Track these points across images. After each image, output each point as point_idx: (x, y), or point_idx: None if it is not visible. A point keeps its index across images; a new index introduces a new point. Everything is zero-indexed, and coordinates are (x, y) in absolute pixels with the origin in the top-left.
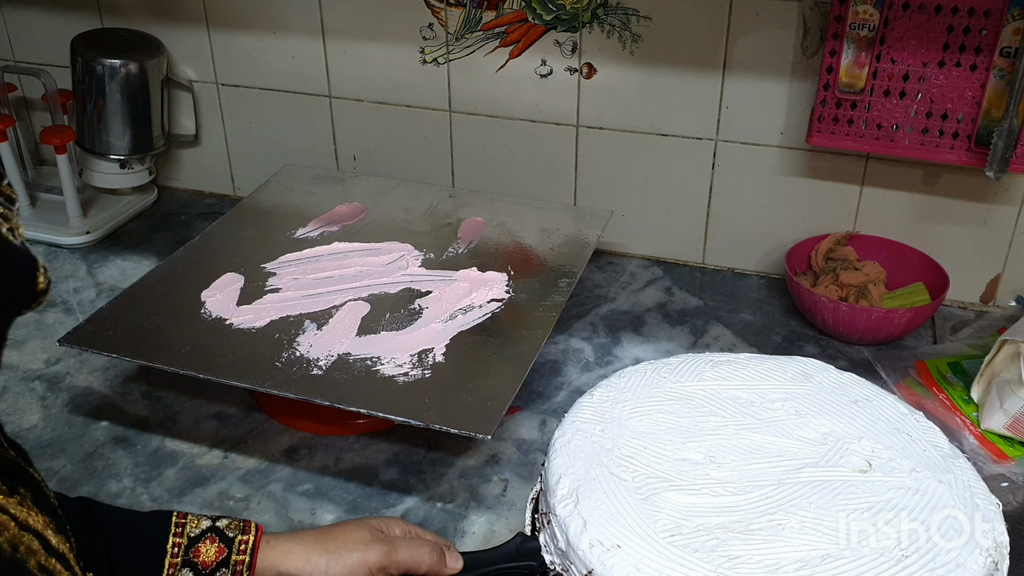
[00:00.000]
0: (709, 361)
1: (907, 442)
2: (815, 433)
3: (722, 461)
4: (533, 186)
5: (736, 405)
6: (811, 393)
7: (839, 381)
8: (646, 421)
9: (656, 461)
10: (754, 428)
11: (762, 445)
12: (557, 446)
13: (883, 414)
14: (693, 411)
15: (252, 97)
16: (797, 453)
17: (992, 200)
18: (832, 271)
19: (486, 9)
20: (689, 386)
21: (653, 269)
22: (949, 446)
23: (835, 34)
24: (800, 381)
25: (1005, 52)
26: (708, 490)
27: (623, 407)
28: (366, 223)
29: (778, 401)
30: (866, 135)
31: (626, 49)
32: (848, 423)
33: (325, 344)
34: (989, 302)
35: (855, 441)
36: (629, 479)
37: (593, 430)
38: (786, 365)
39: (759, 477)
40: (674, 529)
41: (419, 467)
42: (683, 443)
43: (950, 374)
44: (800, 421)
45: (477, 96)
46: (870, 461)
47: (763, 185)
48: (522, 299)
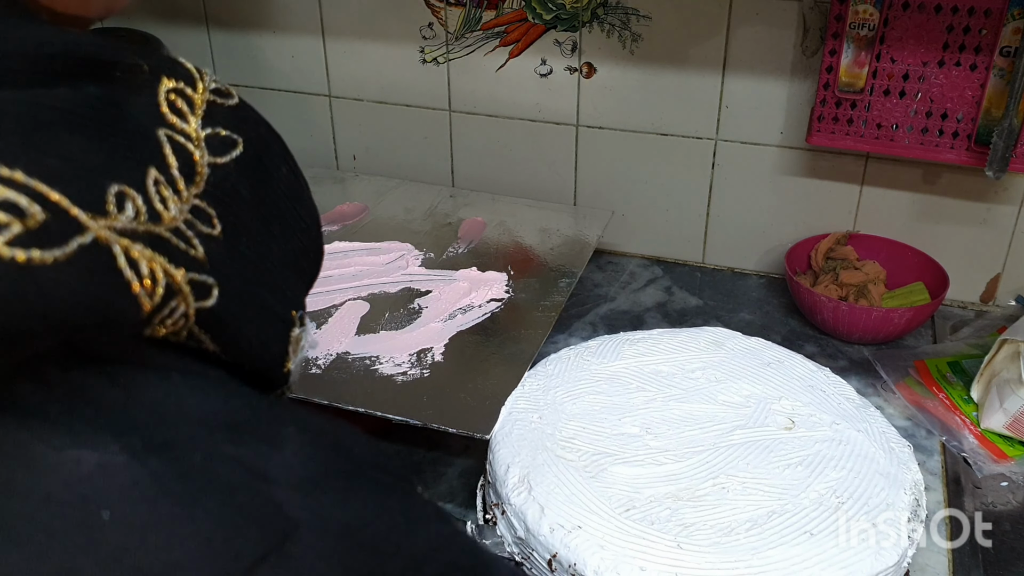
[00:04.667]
0: (626, 340)
1: (822, 397)
2: (737, 397)
3: (658, 432)
4: (533, 186)
5: (659, 378)
6: (726, 360)
7: (749, 346)
8: (580, 403)
9: (597, 438)
10: (680, 398)
11: (691, 413)
12: (498, 437)
13: (795, 372)
14: (622, 388)
15: (252, 97)
16: (725, 417)
17: (992, 200)
18: (832, 271)
19: (486, 8)
20: (613, 366)
21: (653, 269)
22: (859, 397)
23: (835, 33)
24: (713, 350)
25: (1005, 52)
26: (651, 459)
27: (555, 393)
28: (366, 222)
29: (697, 370)
30: (866, 135)
31: (626, 48)
32: (765, 385)
33: (324, 343)
34: (989, 301)
35: (775, 401)
36: (575, 459)
37: (531, 418)
38: (698, 335)
39: (695, 443)
40: (628, 503)
41: (418, 467)
42: (619, 419)
43: (950, 374)
44: (721, 387)
45: (477, 95)
46: (792, 419)
47: (763, 185)
48: (522, 299)
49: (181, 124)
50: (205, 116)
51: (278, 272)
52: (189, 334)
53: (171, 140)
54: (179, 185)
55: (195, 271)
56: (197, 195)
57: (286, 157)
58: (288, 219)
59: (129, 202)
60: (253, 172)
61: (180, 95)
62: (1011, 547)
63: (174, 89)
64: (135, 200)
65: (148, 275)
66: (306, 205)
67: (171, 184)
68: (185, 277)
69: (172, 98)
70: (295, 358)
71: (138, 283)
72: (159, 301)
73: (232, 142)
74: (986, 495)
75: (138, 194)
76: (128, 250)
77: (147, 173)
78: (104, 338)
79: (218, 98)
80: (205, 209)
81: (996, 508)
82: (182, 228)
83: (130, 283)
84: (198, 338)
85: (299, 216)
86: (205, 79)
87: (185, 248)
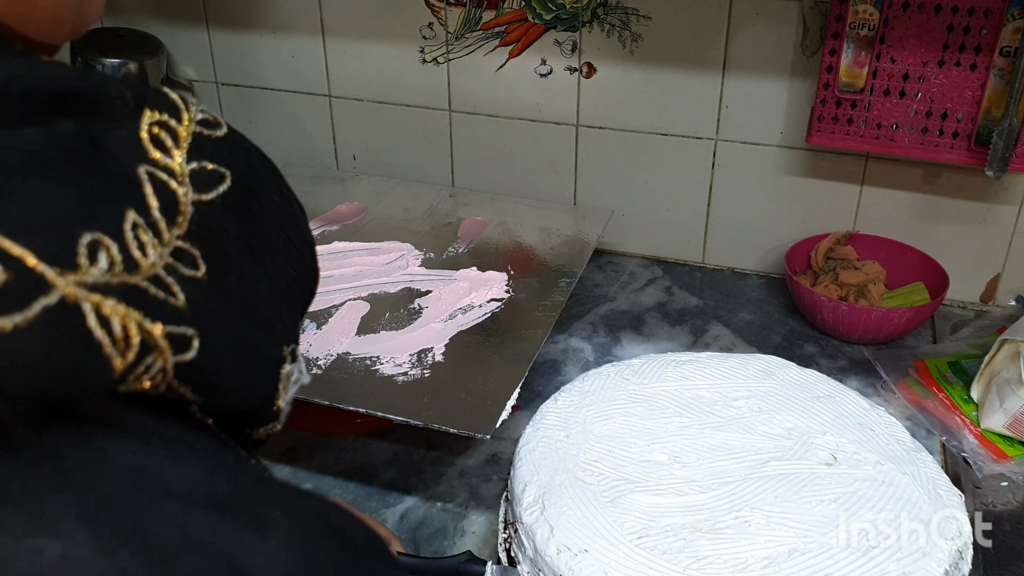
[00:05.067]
0: (672, 361)
1: (870, 436)
2: (779, 429)
3: (687, 460)
4: (533, 186)
5: (699, 404)
6: (773, 390)
7: (800, 378)
8: (611, 425)
9: (621, 464)
10: (718, 426)
11: (726, 442)
12: (522, 454)
13: (845, 409)
14: (657, 412)
15: (252, 97)
16: (762, 448)
17: (992, 200)
18: (832, 270)
19: (486, 8)
20: (652, 387)
21: (653, 268)
22: (911, 440)
23: (835, 33)
24: (762, 379)
25: (1005, 51)
26: (674, 489)
27: (587, 411)
28: (366, 222)
29: (741, 399)
30: (866, 135)
31: (626, 48)
32: (812, 418)
33: (324, 343)
34: (989, 301)
35: (819, 436)
36: (595, 483)
37: (558, 436)
38: (748, 363)
39: (724, 473)
40: (641, 531)
41: (419, 467)
42: (648, 445)
43: (950, 373)
44: (764, 417)
45: (477, 96)
46: (835, 455)
47: (763, 184)
48: (522, 299)
49: (164, 159)
50: (191, 149)
51: (269, 306)
52: (168, 388)
53: (152, 178)
54: (160, 227)
55: (174, 323)
56: (180, 236)
57: (278, 184)
58: (279, 248)
59: (103, 253)
60: (242, 206)
61: (164, 128)
62: (1011, 547)
63: (157, 122)
64: (110, 250)
65: (121, 334)
66: (298, 230)
67: (151, 227)
68: (163, 332)
69: (155, 131)
70: (286, 395)
71: (110, 343)
72: (133, 359)
73: (219, 176)
74: (986, 495)
75: (114, 242)
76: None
77: (125, 217)
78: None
79: (205, 129)
80: (188, 250)
81: (996, 508)
82: (162, 275)
83: (101, 345)
84: (177, 391)
85: (291, 243)
86: (191, 110)
87: (164, 297)
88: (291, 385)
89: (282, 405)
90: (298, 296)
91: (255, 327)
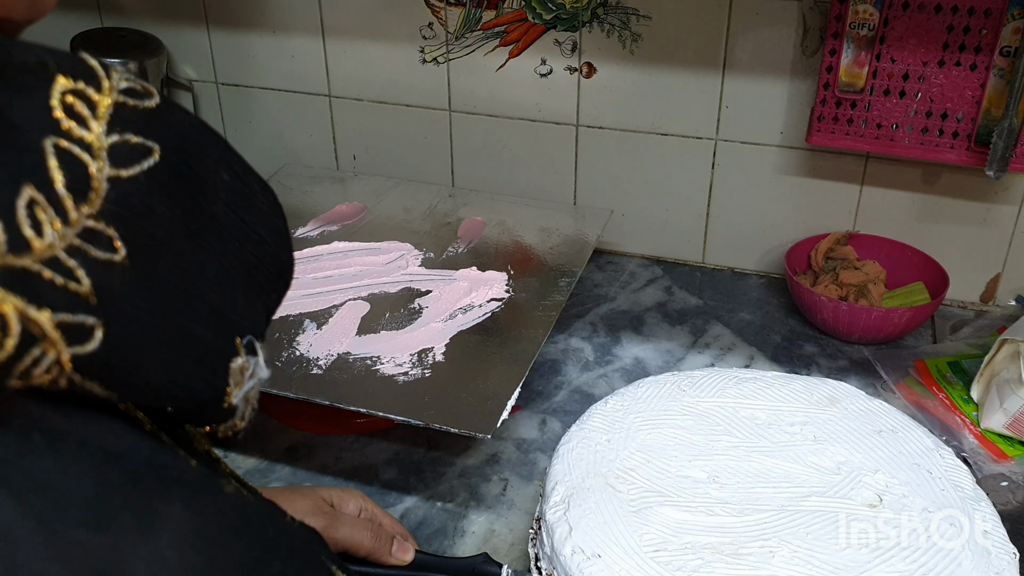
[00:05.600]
0: (734, 377)
1: (925, 479)
2: (829, 462)
3: (725, 482)
4: (533, 186)
5: (752, 426)
6: (834, 419)
7: (866, 408)
8: (655, 434)
9: (656, 476)
10: (767, 451)
11: (771, 469)
12: (561, 452)
13: (906, 447)
14: (706, 428)
15: (252, 97)
16: (806, 481)
17: (992, 199)
18: (832, 270)
19: (486, 8)
20: (707, 402)
21: (653, 268)
22: (973, 487)
23: (835, 33)
24: (825, 406)
25: (1005, 51)
26: (704, 509)
27: (635, 418)
28: (366, 222)
29: (797, 425)
30: (866, 134)
31: (626, 48)
32: (867, 454)
33: (325, 343)
34: (989, 301)
35: (870, 473)
36: (624, 491)
37: (599, 439)
38: (814, 388)
39: (761, 501)
40: (660, 544)
41: (419, 466)
42: (689, 460)
43: (950, 373)
44: (816, 447)
45: (477, 95)
46: (881, 496)
47: (763, 184)
48: (522, 298)
49: (79, 131)
50: (112, 121)
51: (216, 294)
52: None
53: (59, 151)
54: (65, 204)
55: (68, 311)
56: (91, 215)
57: (230, 162)
58: (231, 231)
59: None
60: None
61: (79, 96)
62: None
63: (71, 90)
64: None
65: None
66: (258, 213)
67: (54, 204)
68: (52, 320)
69: (69, 100)
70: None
71: None
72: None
73: (145, 150)
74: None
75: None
76: None
77: (19, 193)
78: None
79: (131, 99)
80: (102, 231)
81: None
82: (62, 258)
83: None
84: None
85: (247, 226)
86: (113, 78)
87: (63, 282)
88: (246, 380)
89: (234, 401)
90: (261, 285)
91: (194, 317)
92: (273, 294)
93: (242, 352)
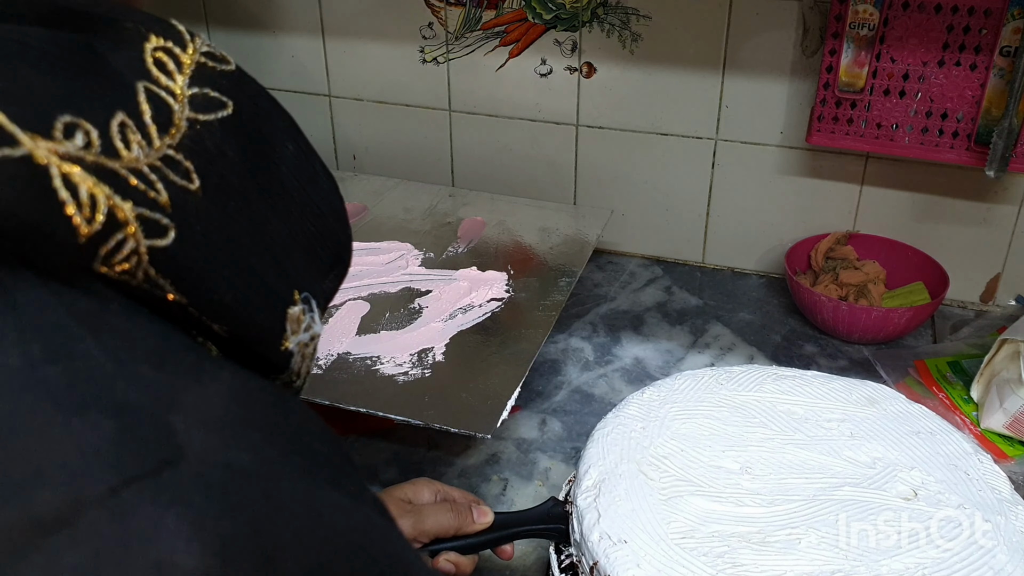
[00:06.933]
0: (773, 374)
1: (963, 480)
2: (865, 457)
3: (757, 473)
4: (533, 185)
5: (789, 419)
6: (872, 418)
7: (905, 410)
8: (690, 424)
9: (689, 465)
10: (801, 444)
11: (805, 461)
12: (596, 436)
13: (944, 449)
14: (742, 420)
15: None
16: (840, 472)
17: (992, 199)
18: (832, 270)
19: (486, 8)
20: (744, 395)
21: (653, 268)
22: (1011, 492)
23: (835, 33)
24: (864, 405)
25: (1005, 51)
26: (735, 500)
27: (671, 408)
28: (366, 222)
29: (834, 421)
30: (866, 134)
31: (626, 48)
32: (903, 452)
33: (325, 343)
34: (989, 301)
35: (906, 470)
36: (656, 479)
37: (634, 426)
38: (853, 388)
39: (792, 491)
40: (687, 532)
41: (419, 466)
42: (722, 451)
43: (950, 373)
44: (852, 443)
45: (477, 95)
46: (916, 490)
47: (763, 184)
48: (522, 298)
49: (166, 80)
50: (193, 76)
51: (278, 247)
52: (147, 277)
53: (148, 92)
54: (151, 132)
55: (147, 208)
56: (171, 146)
57: (295, 137)
58: (295, 199)
59: (80, 133)
60: (247, 137)
61: (168, 53)
62: None
63: (162, 47)
64: (89, 133)
65: (87, 200)
66: (320, 190)
67: (141, 130)
68: (133, 210)
69: (159, 55)
70: (295, 337)
71: (73, 205)
72: (99, 229)
73: (220, 103)
74: None
75: (95, 128)
76: (68, 175)
77: (113, 114)
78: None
79: (210, 61)
80: (181, 161)
81: None
82: (145, 171)
83: (64, 203)
84: (156, 283)
85: (310, 199)
86: (197, 42)
87: (144, 188)
88: (302, 331)
89: (290, 346)
90: (319, 255)
91: (258, 257)
92: (330, 267)
93: (299, 302)
